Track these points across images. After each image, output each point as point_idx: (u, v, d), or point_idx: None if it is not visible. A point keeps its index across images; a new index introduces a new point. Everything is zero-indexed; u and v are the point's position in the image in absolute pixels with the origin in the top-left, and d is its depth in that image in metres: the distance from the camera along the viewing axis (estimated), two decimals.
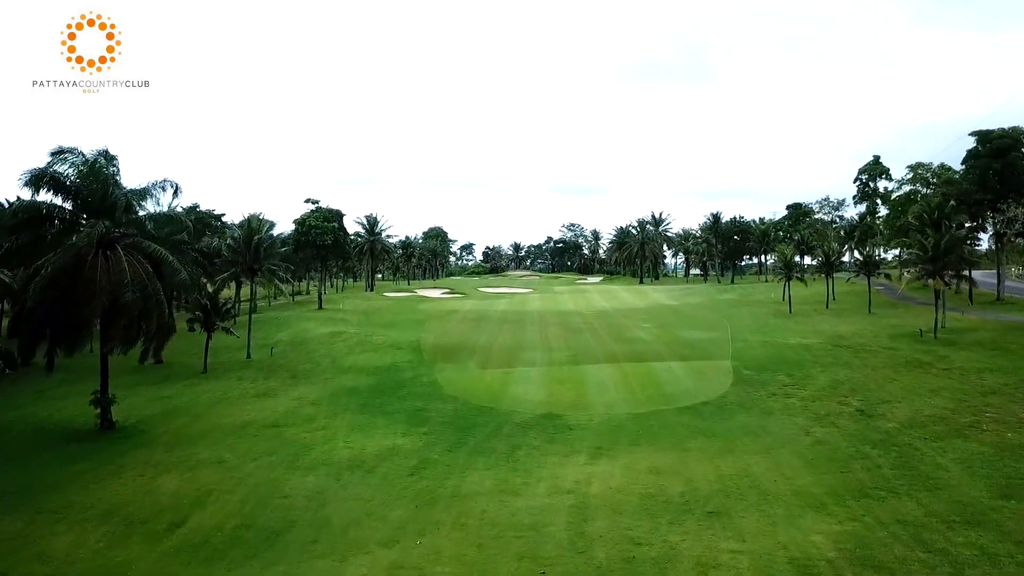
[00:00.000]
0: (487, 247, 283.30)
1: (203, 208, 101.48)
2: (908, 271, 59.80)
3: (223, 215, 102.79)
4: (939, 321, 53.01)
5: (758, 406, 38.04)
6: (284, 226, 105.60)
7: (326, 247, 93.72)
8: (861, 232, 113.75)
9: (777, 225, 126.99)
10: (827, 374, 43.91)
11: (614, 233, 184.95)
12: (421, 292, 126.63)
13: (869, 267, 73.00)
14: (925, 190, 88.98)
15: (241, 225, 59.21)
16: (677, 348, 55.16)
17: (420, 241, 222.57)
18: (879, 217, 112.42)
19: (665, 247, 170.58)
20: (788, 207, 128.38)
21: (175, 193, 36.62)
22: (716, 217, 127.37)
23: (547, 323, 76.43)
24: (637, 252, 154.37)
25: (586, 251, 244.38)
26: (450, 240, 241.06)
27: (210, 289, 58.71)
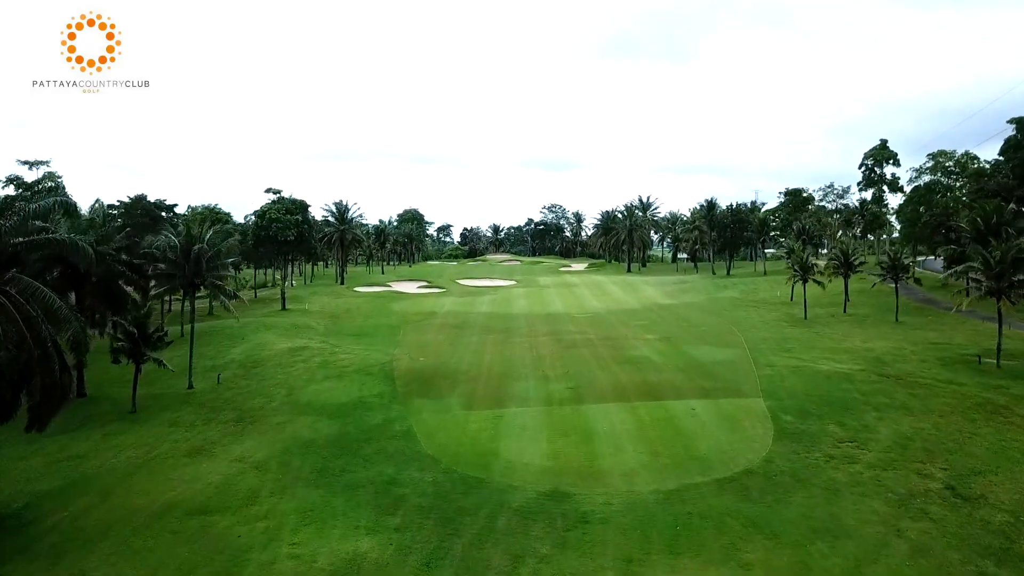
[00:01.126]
0: (465, 228, 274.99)
1: (156, 200, 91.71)
2: (970, 289, 52.29)
3: (175, 205, 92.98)
4: (998, 344, 45.60)
5: (817, 478, 30.27)
6: (252, 206, 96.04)
7: (288, 243, 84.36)
8: (867, 221, 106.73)
9: (775, 213, 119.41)
10: (887, 424, 36.26)
11: (599, 217, 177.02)
12: (396, 286, 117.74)
13: (896, 270, 65.43)
14: (946, 180, 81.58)
15: (178, 230, 49.93)
16: (694, 376, 47.25)
17: (395, 224, 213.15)
18: (886, 205, 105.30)
19: (653, 233, 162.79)
20: (785, 193, 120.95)
21: (65, 210, 27.50)
22: (711, 204, 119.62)
23: (536, 332, 68.24)
24: (624, 239, 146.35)
25: (568, 233, 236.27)
26: (426, 222, 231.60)
27: (142, 305, 49.63)
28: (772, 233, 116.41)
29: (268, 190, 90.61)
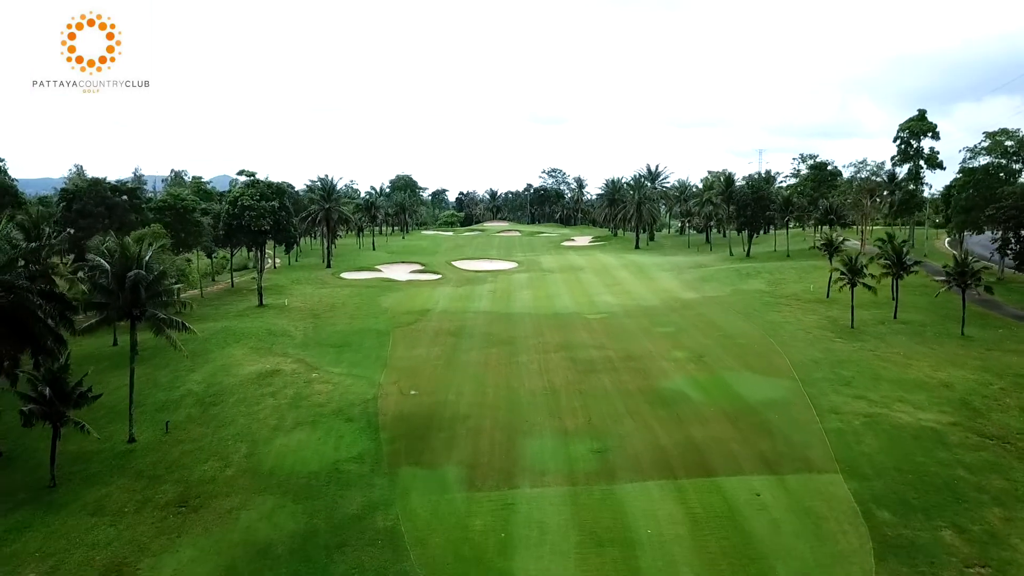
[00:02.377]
0: (461, 193, 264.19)
1: (116, 181, 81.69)
2: None
3: (139, 188, 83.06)
4: None
5: None
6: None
7: (264, 233, 74.84)
8: (902, 201, 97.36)
9: (798, 189, 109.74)
10: (1020, 529, 27.71)
11: (602, 186, 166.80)
12: (386, 271, 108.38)
13: (966, 276, 56.38)
14: (1004, 161, 72.04)
15: (111, 251, 40.50)
16: (746, 429, 38.58)
17: (387, 191, 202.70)
18: (925, 183, 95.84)
19: (661, 204, 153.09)
20: (810, 167, 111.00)
21: None
22: (729, 180, 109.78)
23: (546, 345, 59.39)
24: (632, 214, 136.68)
25: (569, 198, 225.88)
26: (420, 188, 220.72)
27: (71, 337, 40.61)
28: (796, 213, 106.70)
29: (241, 172, 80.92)
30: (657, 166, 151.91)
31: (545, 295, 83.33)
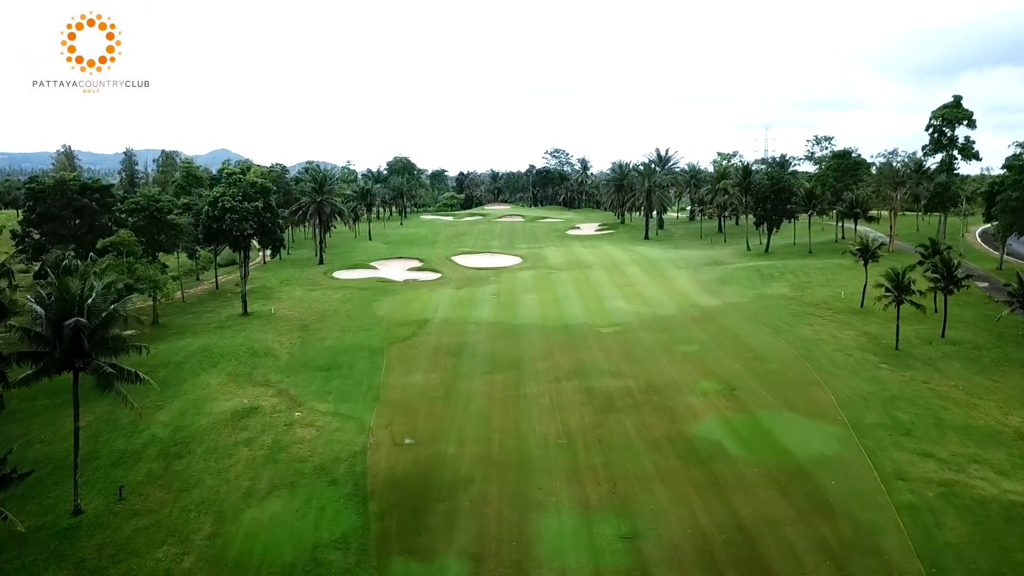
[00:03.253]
0: (461, 173, 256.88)
1: (88, 179, 75.16)
2: None
3: (111, 185, 76.63)
4: None
5: None
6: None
7: (247, 237, 68.49)
8: (934, 194, 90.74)
9: (821, 180, 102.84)
10: None
11: (610, 170, 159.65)
12: (382, 269, 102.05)
13: None
14: None
15: (46, 294, 34.19)
16: (802, 504, 32.69)
17: (384, 175, 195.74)
18: (959, 174, 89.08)
19: (671, 190, 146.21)
20: (833, 155, 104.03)
21: None
22: (747, 170, 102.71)
23: (558, 369, 53.41)
24: (642, 202, 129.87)
25: (573, 179, 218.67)
26: (419, 171, 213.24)
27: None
28: (819, 207, 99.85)
29: (223, 168, 73.80)
30: (667, 151, 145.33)
31: (553, 300, 77.11)
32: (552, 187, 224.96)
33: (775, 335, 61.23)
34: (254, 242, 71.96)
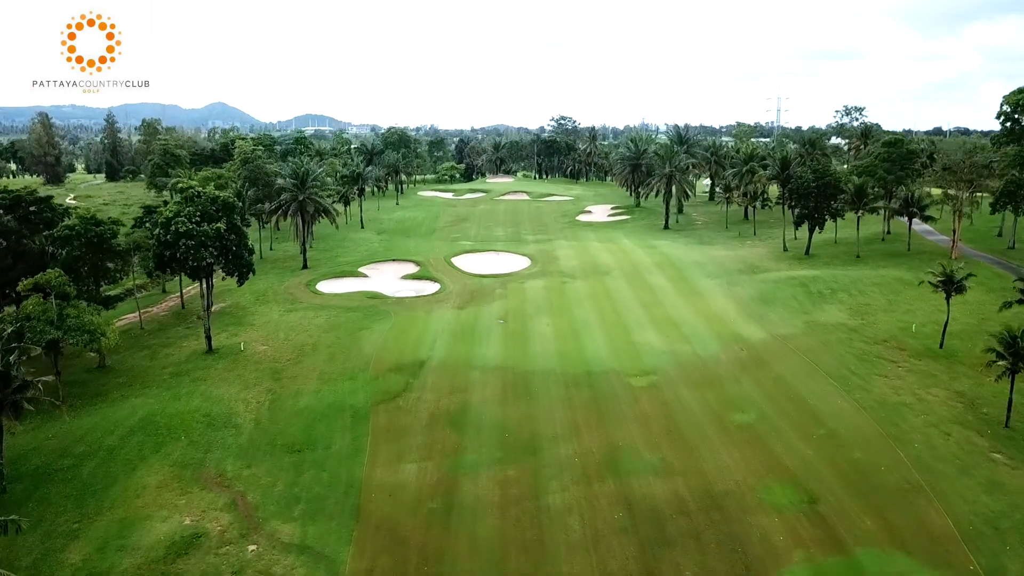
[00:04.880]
0: (461, 139, 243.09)
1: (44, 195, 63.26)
2: None
3: (50, 197, 64.98)
4: None
5: None
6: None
7: (208, 267, 57.17)
8: (1004, 192, 78.93)
9: (869, 171, 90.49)
10: None
11: (625, 150, 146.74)
12: (374, 276, 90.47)
13: None
14: None
15: None
16: None
17: (380, 148, 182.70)
18: None
19: (691, 168, 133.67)
20: (884, 144, 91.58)
21: None
22: (784, 161, 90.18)
23: (587, 463, 42.73)
24: (663, 189, 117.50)
25: (581, 150, 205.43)
26: (415, 143, 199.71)
27: None
28: (870, 205, 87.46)
29: (176, 183, 61.77)
30: (687, 127, 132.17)
31: (570, 330, 65.86)
32: (559, 158, 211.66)
33: (845, 393, 50.31)
34: (219, 268, 60.39)
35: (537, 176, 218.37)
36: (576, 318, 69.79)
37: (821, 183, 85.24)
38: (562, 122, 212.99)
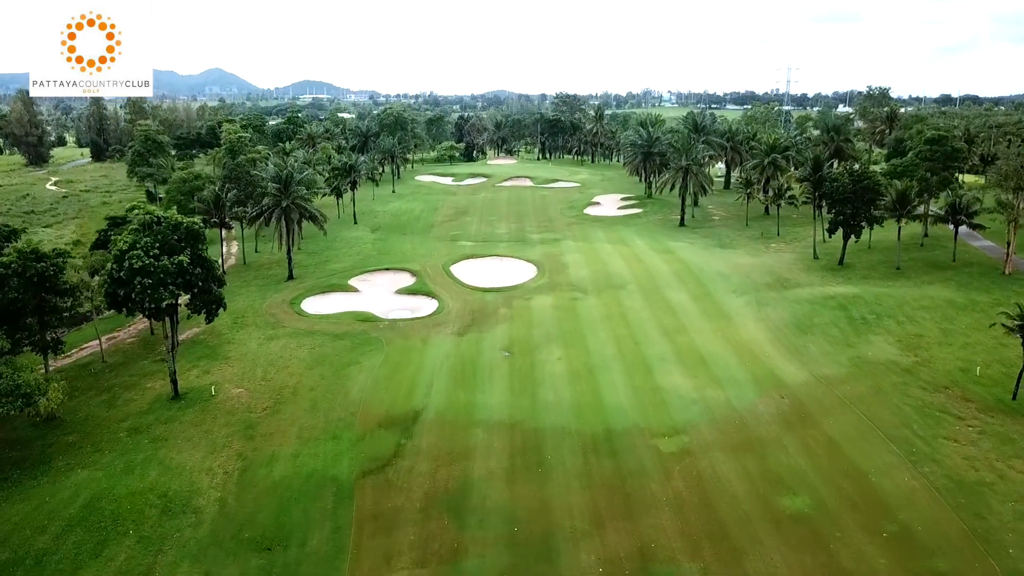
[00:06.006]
0: (460, 118, 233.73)
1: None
2: None
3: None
4: None
5: None
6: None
7: (170, 308, 49.43)
8: None
9: (909, 170, 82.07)
10: None
11: (636, 135, 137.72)
12: (365, 291, 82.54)
13: None
14: None
15: None
16: None
17: (375, 130, 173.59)
18: None
19: (706, 155, 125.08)
20: (927, 142, 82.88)
21: None
22: (817, 162, 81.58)
23: (610, 556, 35.40)
24: (680, 181, 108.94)
25: (587, 129, 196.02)
26: (413, 123, 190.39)
27: None
28: (912, 212, 79.05)
29: (132, 208, 54.18)
30: (703, 111, 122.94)
31: (586, 370, 58.27)
32: (563, 137, 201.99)
33: (912, 466, 42.90)
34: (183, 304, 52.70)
35: (540, 156, 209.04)
36: (591, 350, 62.14)
37: (859, 187, 76.87)
38: (566, 100, 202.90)
